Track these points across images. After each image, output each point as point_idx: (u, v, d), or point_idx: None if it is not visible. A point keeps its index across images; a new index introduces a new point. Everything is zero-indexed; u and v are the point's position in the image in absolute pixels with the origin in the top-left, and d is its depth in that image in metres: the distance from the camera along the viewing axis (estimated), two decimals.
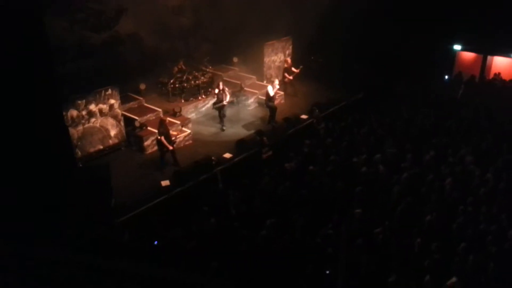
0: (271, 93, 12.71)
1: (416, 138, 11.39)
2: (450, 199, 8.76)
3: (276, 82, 13.01)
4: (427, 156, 10.24)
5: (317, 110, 13.12)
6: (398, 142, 11.12)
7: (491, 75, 16.69)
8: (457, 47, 17.01)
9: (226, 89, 12.53)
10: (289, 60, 15.13)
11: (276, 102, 13.09)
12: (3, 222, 6.83)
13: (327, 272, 6.89)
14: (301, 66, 14.75)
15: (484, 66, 16.81)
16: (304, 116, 13.47)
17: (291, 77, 14.73)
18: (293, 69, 14.77)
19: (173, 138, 10.76)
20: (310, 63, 16.59)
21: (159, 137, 10.45)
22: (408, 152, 10.40)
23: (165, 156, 10.66)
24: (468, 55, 17.44)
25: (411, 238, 7.63)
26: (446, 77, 17.10)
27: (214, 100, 12.64)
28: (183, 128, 12.13)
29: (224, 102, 12.38)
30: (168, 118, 11.43)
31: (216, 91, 12.47)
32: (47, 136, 7.81)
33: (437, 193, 8.86)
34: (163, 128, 10.43)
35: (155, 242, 7.91)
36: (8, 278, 3.66)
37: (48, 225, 7.65)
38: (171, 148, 10.51)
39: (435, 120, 12.58)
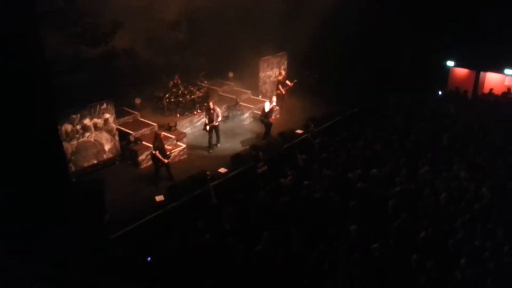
0: (266, 109, 12.79)
1: (412, 153, 11.47)
2: (446, 214, 8.79)
3: (274, 98, 13.16)
4: (421, 171, 10.29)
5: (312, 125, 13.18)
6: (393, 156, 11.19)
7: (486, 91, 16.94)
8: (450, 63, 17.28)
9: (217, 109, 12.34)
10: (283, 72, 15.24)
11: (272, 117, 13.15)
12: None
13: None
14: (295, 80, 14.88)
15: (477, 82, 17.06)
16: (299, 131, 13.54)
17: (284, 91, 14.79)
18: (287, 82, 14.86)
19: (168, 153, 10.77)
20: (305, 78, 16.72)
21: (153, 152, 10.45)
22: (403, 166, 10.46)
23: (160, 170, 10.64)
24: (462, 71, 17.71)
25: (407, 254, 7.61)
26: (440, 92, 17.32)
27: (205, 121, 12.33)
28: (178, 143, 12.14)
29: (215, 123, 12.17)
30: (163, 133, 11.47)
31: (206, 111, 12.30)
32: (41, 150, 7.78)
33: (433, 208, 8.89)
34: (158, 142, 10.45)
35: (149, 259, 7.83)
36: None
37: (40, 240, 7.57)
38: (165, 162, 10.51)
39: (430, 135, 12.68)
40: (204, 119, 12.45)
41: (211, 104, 12.22)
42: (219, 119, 12.30)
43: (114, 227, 8.84)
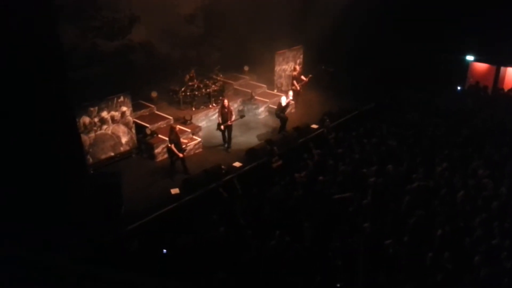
0: (283, 103, 12.72)
1: (428, 149, 11.30)
2: (463, 212, 8.65)
3: (290, 93, 13.05)
4: (439, 168, 10.13)
5: (327, 120, 13.10)
6: (409, 153, 11.04)
7: (506, 86, 16.53)
8: (469, 57, 16.89)
9: (231, 107, 12.10)
10: (298, 67, 15.09)
11: (287, 111, 13.07)
12: (13, 226, 6.90)
13: (338, 286, 6.82)
14: (310, 75, 14.75)
15: (497, 77, 16.65)
16: (314, 126, 13.46)
17: (299, 86, 14.70)
18: (302, 77, 14.78)
19: (183, 146, 10.82)
20: (321, 72, 16.57)
21: (169, 145, 10.51)
22: (419, 163, 10.32)
23: (175, 164, 10.72)
24: (481, 66, 17.30)
25: (423, 251, 7.53)
26: (459, 88, 16.97)
27: (218, 120, 11.92)
28: (194, 136, 12.20)
29: (229, 122, 11.80)
30: (179, 126, 11.51)
31: (219, 107, 11.91)
32: (60, 142, 7.91)
33: (449, 205, 8.76)
34: (174, 135, 10.50)
35: (164, 251, 7.92)
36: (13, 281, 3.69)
37: (57, 231, 7.72)
38: (181, 156, 10.57)
39: (447, 131, 12.47)
40: (217, 117, 12.02)
41: (225, 102, 11.84)
42: (233, 118, 11.88)
43: (130, 219, 8.96)
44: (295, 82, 14.71)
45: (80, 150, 9.10)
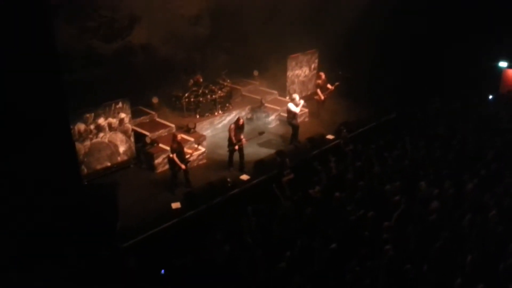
0: (296, 109, 12.71)
1: (455, 163, 11.19)
2: (495, 235, 8.50)
3: (297, 97, 12.95)
4: (469, 185, 10.01)
5: (344, 130, 13.06)
6: (435, 167, 10.94)
7: None
8: (503, 64, 16.79)
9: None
10: (323, 75, 14.94)
11: (299, 120, 13.09)
12: (3, 239, 6.95)
13: None
14: (336, 83, 14.70)
15: None
16: (330, 137, 13.43)
17: (323, 96, 14.63)
18: (328, 85, 14.74)
19: (187, 156, 10.83)
20: (337, 78, 16.60)
21: (171, 155, 10.55)
22: (446, 179, 10.21)
23: (177, 176, 10.73)
24: None
25: (450, 279, 7.40)
26: (491, 96, 16.82)
27: (232, 138, 11.39)
28: (197, 146, 12.21)
29: (244, 140, 11.55)
30: (181, 135, 11.55)
31: (233, 125, 11.44)
32: (53, 150, 7.98)
33: (480, 227, 8.62)
34: (176, 145, 10.54)
35: (162, 271, 7.89)
36: None
37: (49, 246, 7.74)
38: (183, 167, 10.58)
39: (477, 144, 12.34)
40: (231, 136, 11.41)
41: (241, 120, 11.56)
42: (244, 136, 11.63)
43: (126, 235, 8.95)
44: (319, 91, 14.67)
45: (74, 159, 9.20)
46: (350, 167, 11.06)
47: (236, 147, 11.51)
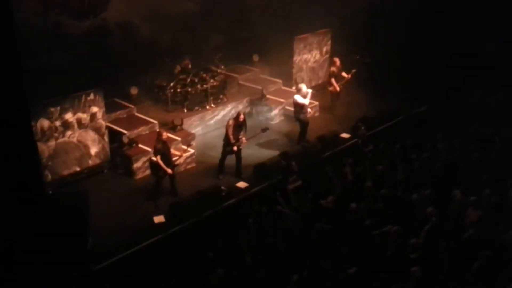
0: (304, 101, 12.72)
1: (497, 167, 11.20)
2: None
3: (304, 87, 12.93)
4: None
5: (363, 127, 13.07)
6: (473, 172, 10.95)
7: None
8: None
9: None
10: (338, 61, 14.98)
11: (308, 115, 13.12)
12: None
13: None
14: (353, 70, 14.74)
15: None
16: (345, 135, 13.45)
17: (339, 87, 14.67)
18: (343, 74, 14.78)
19: (175, 158, 10.87)
20: (355, 64, 16.60)
21: (152, 158, 10.56)
22: (486, 185, 10.22)
23: (161, 183, 10.75)
24: None
25: None
26: None
27: (230, 138, 11.36)
28: (187, 148, 12.21)
29: (244, 140, 11.49)
30: (167, 133, 11.40)
31: (232, 121, 11.40)
32: (9, 152, 7.99)
33: None
34: (161, 144, 10.53)
35: None
36: None
37: (4, 269, 7.75)
38: (169, 172, 10.59)
39: None
40: (228, 135, 11.35)
41: (242, 116, 11.49)
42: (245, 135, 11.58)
43: (99, 255, 8.94)
44: (333, 80, 14.69)
45: (36, 163, 9.18)
46: (370, 172, 11.07)
47: (235, 148, 11.46)
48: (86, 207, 9.21)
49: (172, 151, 11.01)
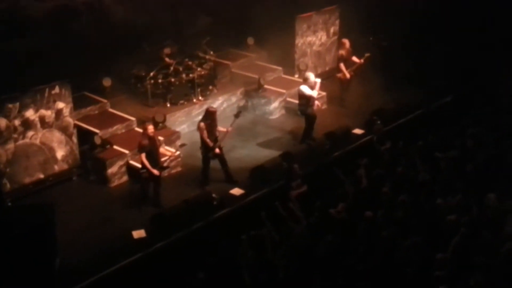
0: (312, 93, 12.77)
1: None
2: None
3: (311, 76, 12.98)
4: None
5: (379, 122, 13.11)
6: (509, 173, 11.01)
7: None
8: None
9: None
10: (347, 43, 15.09)
11: (317, 108, 13.21)
12: None
13: None
14: (367, 54, 14.82)
15: None
16: (358, 131, 13.50)
17: (349, 73, 14.73)
18: (354, 58, 14.83)
19: (164, 159, 10.95)
20: (368, 48, 16.66)
21: (130, 162, 10.56)
22: None
23: (147, 189, 10.82)
24: None
25: None
26: None
27: (205, 140, 11.37)
28: (168, 148, 12.26)
29: (220, 142, 11.57)
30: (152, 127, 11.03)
31: (202, 123, 11.40)
32: None
33: None
34: (148, 141, 10.55)
35: None
36: None
37: None
38: (156, 173, 10.61)
39: None
40: (204, 139, 11.34)
41: (210, 109, 11.61)
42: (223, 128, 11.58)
43: (69, 278, 8.94)
44: (342, 66, 14.77)
45: None
46: (387, 175, 11.12)
47: (217, 150, 11.47)
48: (53, 221, 9.23)
49: (162, 150, 11.04)
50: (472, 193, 10.24)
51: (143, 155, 10.50)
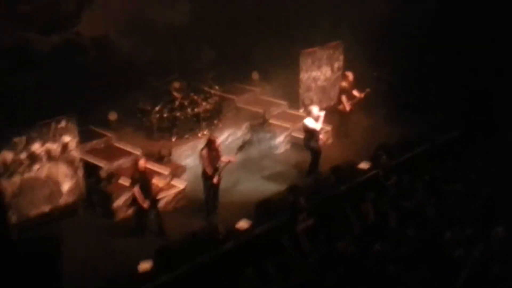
0: (315, 126, 12.90)
1: None
2: None
3: (315, 109, 13.14)
4: None
5: (384, 156, 13.17)
6: None
7: None
8: None
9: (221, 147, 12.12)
10: (350, 76, 15.22)
11: (322, 143, 13.32)
12: None
13: None
14: (367, 89, 14.94)
15: None
16: (364, 165, 13.56)
17: (349, 106, 14.88)
18: (355, 92, 15.00)
19: (156, 191, 11.04)
20: (373, 83, 16.79)
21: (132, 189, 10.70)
22: None
23: (145, 221, 10.84)
24: None
25: None
26: None
27: (205, 167, 11.53)
28: (173, 183, 12.35)
29: (232, 158, 11.86)
30: (144, 161, 11.18)
31: (205, 150, 11.52)
32: None
33: None
34: (139, 174, 10.71)
35: None
36: None
37: None
38: (145, 206, 10.71)
39: None
40: (205, 167, 11.51)
41: (212, 138, 11.74)
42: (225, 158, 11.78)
43: None
44: (344, 98, 14.91)
45: None
46: (394, 210, 11.17)
47: (215, 180, 11.63)
48: (59, 254, 9.28)
49: (154, 181, 11.18)
50: (481, 227, 10.30)
51: (136, 188, 10.64)
